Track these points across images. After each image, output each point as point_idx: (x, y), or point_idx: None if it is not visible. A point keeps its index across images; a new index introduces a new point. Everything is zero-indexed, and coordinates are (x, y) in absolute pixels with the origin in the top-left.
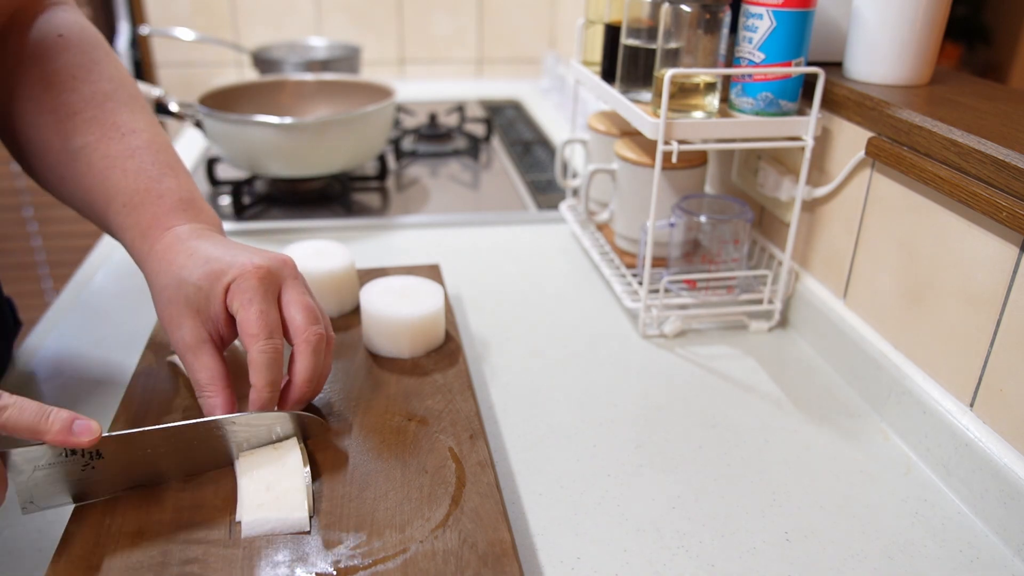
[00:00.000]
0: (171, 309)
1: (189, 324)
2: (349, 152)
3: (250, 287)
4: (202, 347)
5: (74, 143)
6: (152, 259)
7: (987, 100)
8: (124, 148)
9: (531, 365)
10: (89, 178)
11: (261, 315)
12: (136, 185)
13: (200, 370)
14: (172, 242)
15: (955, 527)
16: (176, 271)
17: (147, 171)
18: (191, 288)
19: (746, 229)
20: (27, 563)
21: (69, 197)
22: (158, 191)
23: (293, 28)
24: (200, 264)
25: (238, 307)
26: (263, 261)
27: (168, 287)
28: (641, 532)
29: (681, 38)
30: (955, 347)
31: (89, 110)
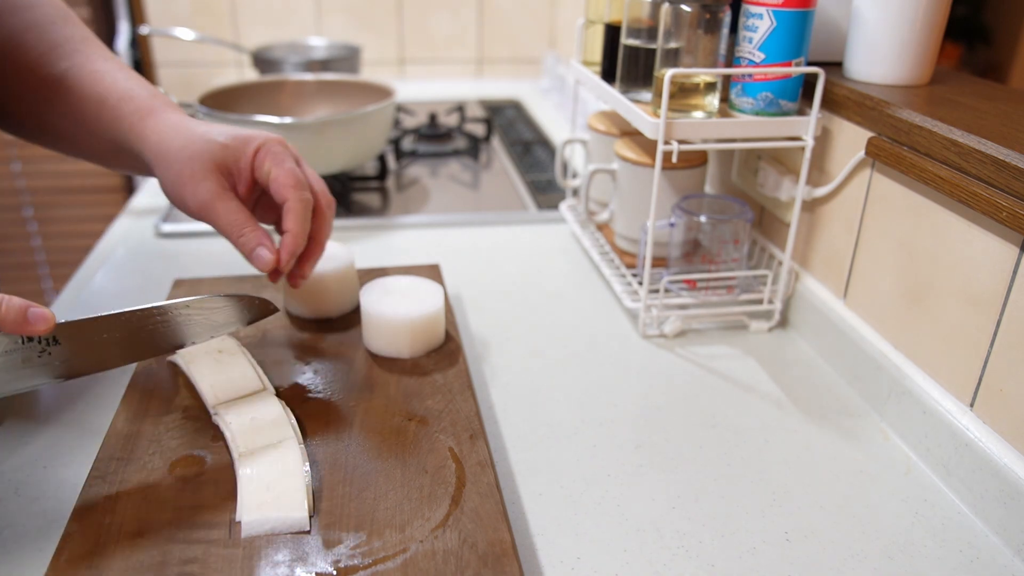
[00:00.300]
0: (193, 165)
1: (215, 177)
2: (349, 152)
3: (280, 150)
4: (227, 194)
5: (59, 67)
6: (160, 131)
7: (987, 100)
8: (107, 67)
9: (531, 365)
10: (79, 90)
11: (293, 171)
12: (126, 86)
13: (231, 212)
14: (178, 121)
15: (955, 527)
16: (201, 132)
17: (133, 79)
18: (218, 147)
19: (746, 229)
20: (27, 563)
21: (56, 121)
22: (147, 91)
23: (293, 28)
24: (225, 129)
25: (271, 166)
26: (279, 136)
27: (190, 146)
28: (641, 532)
29: (681, 38)
30: (955, 347)
31: (70, 44)
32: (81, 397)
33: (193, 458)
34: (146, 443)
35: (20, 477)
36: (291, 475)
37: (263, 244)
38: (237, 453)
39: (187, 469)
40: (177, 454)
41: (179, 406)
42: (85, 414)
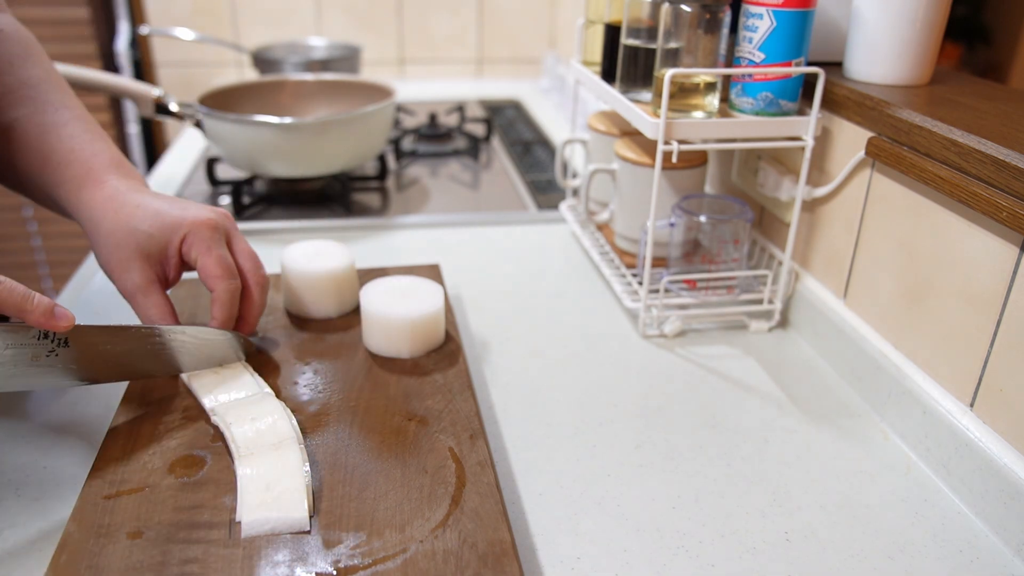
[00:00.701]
0: (119, 254)
1: (139, 267)
2: (349, 152)
3: (207, 236)
4: (152, 287)
5: (7, 116)
6: (93, 207)
7: (987, 100)
8: (57, 119)
9: (531, 365)
10: (24, 144)
11: (221, 259)
12: (71, 146)
13: (152, 307)
14: (112, 194)
15: (955, 527)
16: (125, 220)
17: (80, 136)
18: (143, 236)
19: (746, 229)
20: (27, 563)
21: (5, 168)
22: (91, 151)
23: (293, 28)
24: (151, 215)
25: (198, 254)
26: (211, 215)
27: (116, 232)
28: (641, 532)
29: (681, 38)
30: (955, 347)
31: (23, 90)
32: (81, 397)
33: (193, 458)
34: (146, 443)
35: (20, 477)
36: (291, 475)
37: None
38: (237, 453)
39: (187, 469)
40: (177, 454)
41: (179, 406)
42: (85, 414)
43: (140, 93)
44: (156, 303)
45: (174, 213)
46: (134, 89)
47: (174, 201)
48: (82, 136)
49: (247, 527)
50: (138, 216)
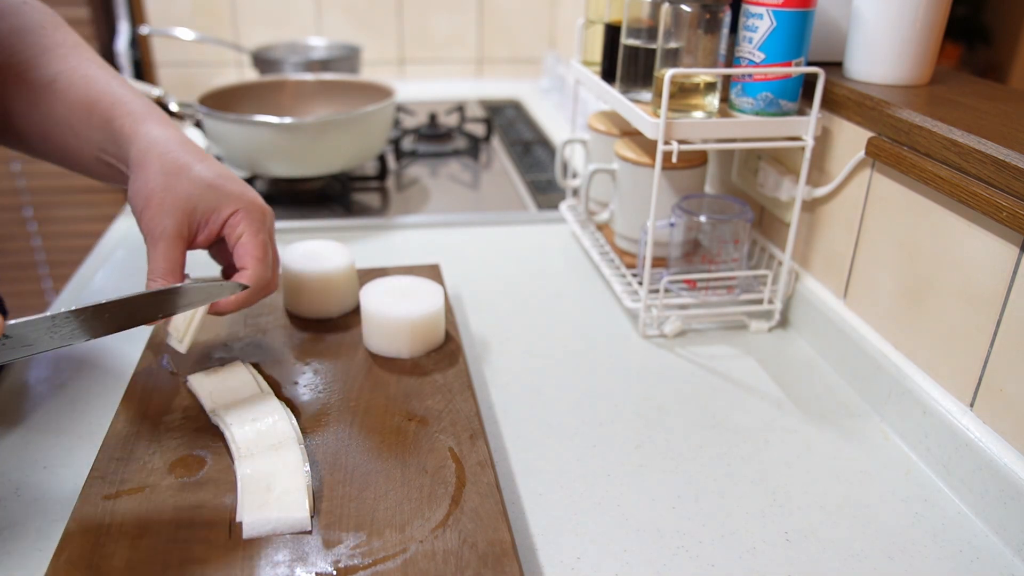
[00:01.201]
0: (165, 195)
1: (177, 217)
2: (349, 152)
3: (259, 219)
4: (180, 240)
5: (51, 69)
6: (153, 138)
7: (987, 100)
8: (103, 74)
9: (531, 365)
10: (69, 93)
11: (265, 244)
12: (123, 92)
13: (166, 260)
14: (175, 135)
15: (955, 527)
16: (190, 165)
17: (129, 89)
18: (197, 189)
19: (746, 229)
20: (27, 563)
21: (40, 121)
22: (146, 101)
23: (293, 28)
24: (212, 174)
25: (244, 231)
26: (264, 203)
27: (168, 174)
28: (641, 532)
29: (681, 38)
30: (955, 347)
31: (63, 48)
32: (81, 397)
33: (193, 458)
34: (146, 443)
35: (20, 477)
36: (291, 475)
37: None
38: (237, 453)
39: (187, 469)
40: (177, 454)
41: (179, 406)
42: (85, 415)
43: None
44: (174, 258)
45: (235, 184)
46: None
47: (231, 173)
48: (128, 88)
49: (248, 527)
50: (198, 169)
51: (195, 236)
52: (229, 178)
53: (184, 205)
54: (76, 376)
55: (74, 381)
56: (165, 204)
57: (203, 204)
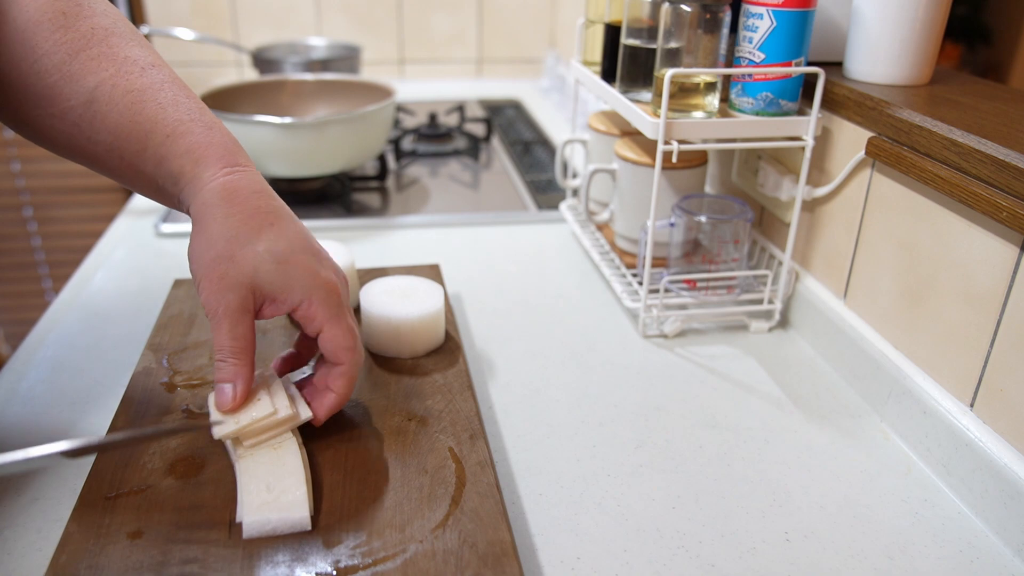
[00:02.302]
0: (230, 269)
1: (243, 293)
2: (349, 152)
3: (335, 303)
4: (245, 317)
5: (86, 83)
6: (217, 193)
7: (987, 100)
8: (150, 81)
9: (531, 365)
10: (114, 116)
11: (351, 330)
12: (178, 116)
13: (237, 338)
14: (243, 184)
15: (955, 527)
16: (257, 234)
17: (184, 104)
18: (267, 266)
19: (746, 229)
20: (27, 563)
21: (85, 145)
22: (205, 122)
23: (293, 28)
24: (286, 248)
25: (324, 323)
26: (336, 277)
27: (239, 243)
28: (641, 532)
29: (681, 38)
30: (955, 347)
31: (93, 47)
32: (81, 398)
33: (193, 458)
34: (146, 443)
35: (20, 477)
36: (291, 475)
37: (235, 382)
38: (237, 454)
39: (187, 469)
40: (177, 454)
41: (179, 406)
42: (85, 414)
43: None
44: (242, 335)
45: (304, 261)
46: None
47: (305, 241)
48: (187, 104)
49: (248, 528)
50: (266, 240)
51: (261, 309)
52: (302, 249)
53: (249, 281)
54: (76, 376)
55: (74, 381)
56: (228, 278)
57: (269, 282)
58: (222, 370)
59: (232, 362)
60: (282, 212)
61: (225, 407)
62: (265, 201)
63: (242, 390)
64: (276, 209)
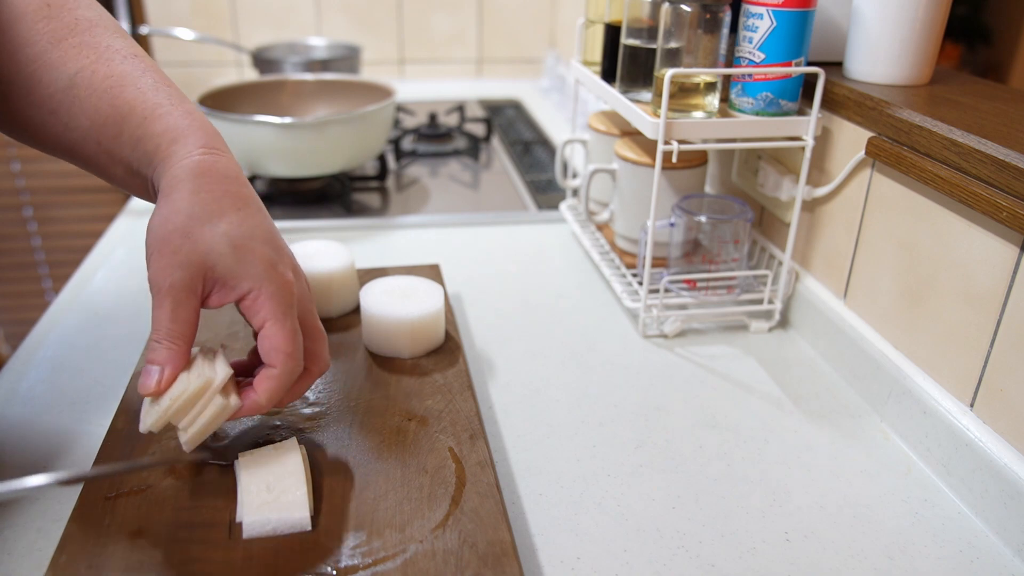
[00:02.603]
0: (184, 244)
1: (192, 272)
2: (349, 152)
3: (284, 302)
4: (191, 298)
5: (67, 69)
6: (188, 168)
7: (987, 100)
8: (131, 68)
9: (531, 365)
10: (92, 100)
11: (294, 334)
12: (157, 100)
13: (178, 320)
14: (216, 164)
15: (955, 527)
16: (220, 214)
17: (165, 90)
18: (222, 247)
19: (746, 229)
20: (27, 563)
21: (61, 132)
22: (185, 108)
23: (293, 28)
24: (245, 234)
25: (266, 319)
26: (297, 280)
27: (199, 220)
28: (641, 532)
29: (681, 38)
30: (955, 347)
31: (75, 36)
32: (81, 398)
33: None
34: (146, 443)
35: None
36: (291, 475)
37: (164, 367)
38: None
39: (187, 469)
40: (177, 454)
41: None
42: (85, 414)
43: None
44: (182, 317)
45: (263, 250)
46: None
47: (268, 234)
48: (168, 89)
49: (248, 528)
50: (228, 221)
51: (209, 295)
52: (263, 240)
53: (201, 261)
54: (76, 376)
55: (74, 381)
56: (180, 254)
57: (222, 265)
58: (154, 351)
59: (167, 345)
60: (251, 200)
61: (147, 390)
62: (236, 187)
63: (169, 375)
64: (246, 196)
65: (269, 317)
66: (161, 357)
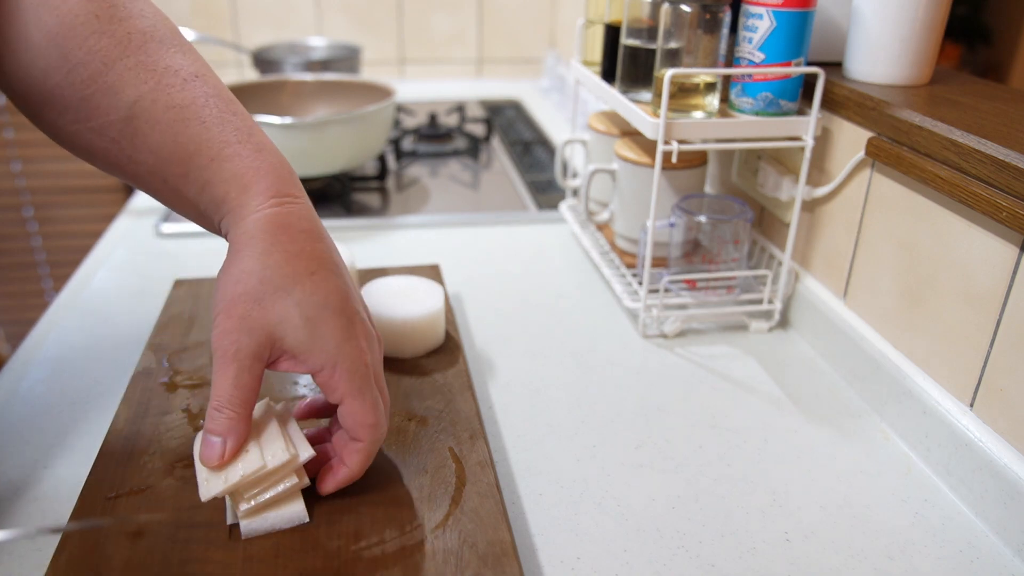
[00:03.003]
0: (254, 310)
1: (261, 339)
2: (349, 152)
3: (362, 374)
4: (256, 366)
5: (125, 96)
6: (260, 224)
7: (987, 100)
8: (192, 96)
9: (531, 365)
10: (155, 135)
11: (376, 405)
12: (224, 136)
13: (241, 387)
14: (289, 218)
15: (955, 527)
16: (293, 281)
17: (231, 122)
18: (296, 320)
19: (746, 229)
20: (27, 563)
21: (126, 164)
22: (254, 143)
23: (293, 28)
24: (319, 304)
25: (346, 395)
26: (369, 344)
27: (272, 286)
28: (641, 532)
29: (681, 38)
30: (955, 347)
31: (130, 55)
32: (81, 397)
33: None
34: (146, 443)
35: (20, 477)
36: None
37: (227, 438)
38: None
39: (187, 469)
40: (177, 454)
41: (179, 406)
42: (85, 414)
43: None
44: (247, 385)
45: (336, 322)
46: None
47: (342, 300)
48: (234, 121)
49: (247, 528)
50: (303, 289)
51: (277, 361)
52: (337, 310)
53: (271, 330)
54: (76, 376)
55: (74, 381)
56: (249, 319)
57: (293, 338)
58: (215, 420)
59: (228, 413)
60: (326, 259)
61: (212, 463)
62: (311, 244)
63: (232, 447)
64: (320, 254)
65: (347, 394)
66: (222, 427)
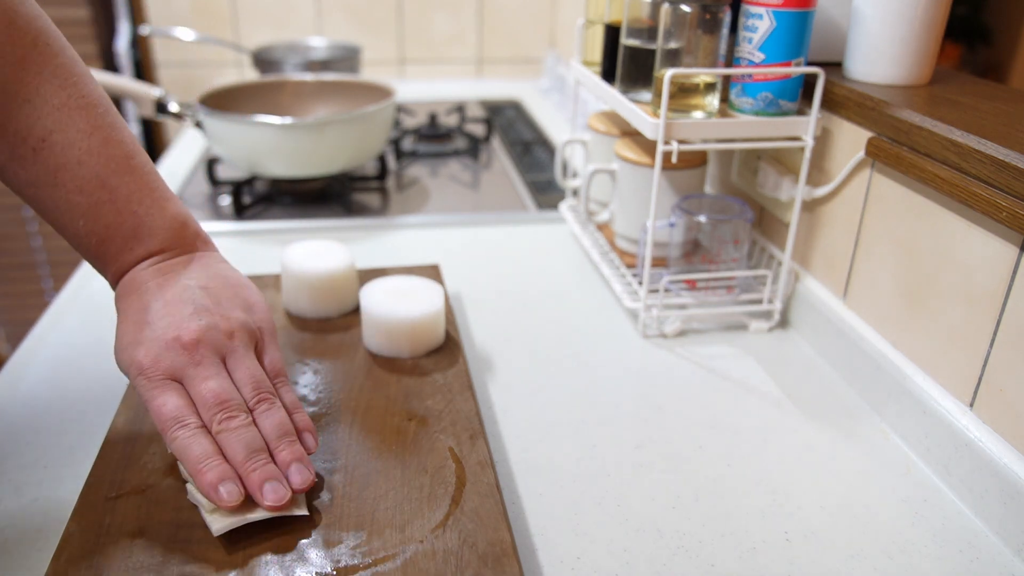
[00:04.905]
0: (158, 364)
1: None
2: (349, 152)
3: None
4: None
5: (37, 130)
6: (136, 281)
7: (987, 100)
8: (107, 124)
9: (531, 365)
10: (64, 175)
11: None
12: (136, 162)
13: (167, 402)
14: (163, 276)
15: (955, 527)
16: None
17: (126, 153)
18: None
19: (746, 229)
20: (27, 563)
21: (37, 197)
22: (149, 178)
23: (293, 28)
24: None
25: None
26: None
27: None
28: (641, 532)
29: (681, 38)
30: (955, 347)
31: (37, 82)
32: (81, 397)
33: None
34: (146, 443)
35: (20, 477)
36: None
37: (231, 478)
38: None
39: None
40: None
41: None
42: (85, 414)
43: (140, 93)
44: (183, 405)
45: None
46: (134, 89)
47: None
48: (125, 156)
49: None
50: None
51: None
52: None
53: (173, 373)
54: (76, 376)
55: (74, 381)
56: (156, 373)
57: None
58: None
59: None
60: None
61: (229, 505)
62: (183, 288)
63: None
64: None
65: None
66: (218, 472)
